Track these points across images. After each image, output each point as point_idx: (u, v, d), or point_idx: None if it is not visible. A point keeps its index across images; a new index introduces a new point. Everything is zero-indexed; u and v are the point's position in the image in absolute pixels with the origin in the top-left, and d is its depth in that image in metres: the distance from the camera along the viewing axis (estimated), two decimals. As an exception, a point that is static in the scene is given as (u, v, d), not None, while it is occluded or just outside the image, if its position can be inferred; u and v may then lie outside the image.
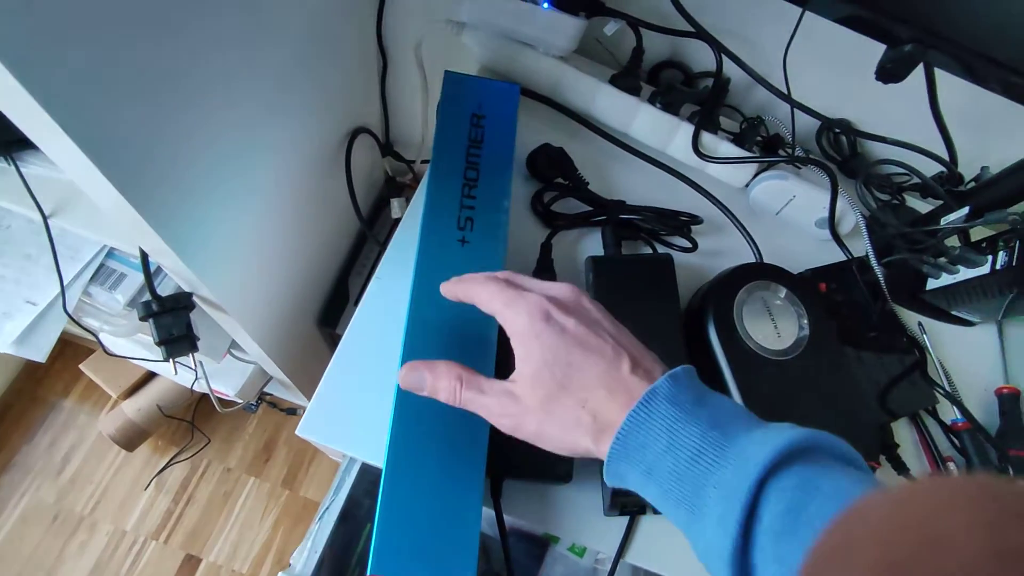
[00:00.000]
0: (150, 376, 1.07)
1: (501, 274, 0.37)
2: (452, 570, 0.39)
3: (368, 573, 0.38)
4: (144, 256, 0.50)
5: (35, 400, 1.16)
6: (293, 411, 1.18)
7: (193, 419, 1.13)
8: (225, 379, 0.91)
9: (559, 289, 0.35)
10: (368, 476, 0.51)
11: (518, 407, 0.32)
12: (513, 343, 0.33)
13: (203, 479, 1.14)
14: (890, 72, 0.41)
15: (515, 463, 0.44)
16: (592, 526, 0.47)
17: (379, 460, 0.41)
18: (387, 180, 0.98)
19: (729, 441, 0.28)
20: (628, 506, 0.47)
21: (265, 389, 1.04)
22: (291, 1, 0.50)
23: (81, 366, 1.03)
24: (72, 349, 1.13)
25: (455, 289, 0.38)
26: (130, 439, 1.03)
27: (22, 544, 1.05)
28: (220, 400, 0.95)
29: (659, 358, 0.34)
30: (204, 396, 1.04)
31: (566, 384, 0.31)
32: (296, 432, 0.47)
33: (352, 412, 0.47)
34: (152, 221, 0.42)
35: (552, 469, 0.44)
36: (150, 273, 0.51)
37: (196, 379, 0.88)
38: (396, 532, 0.39)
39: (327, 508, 0.48)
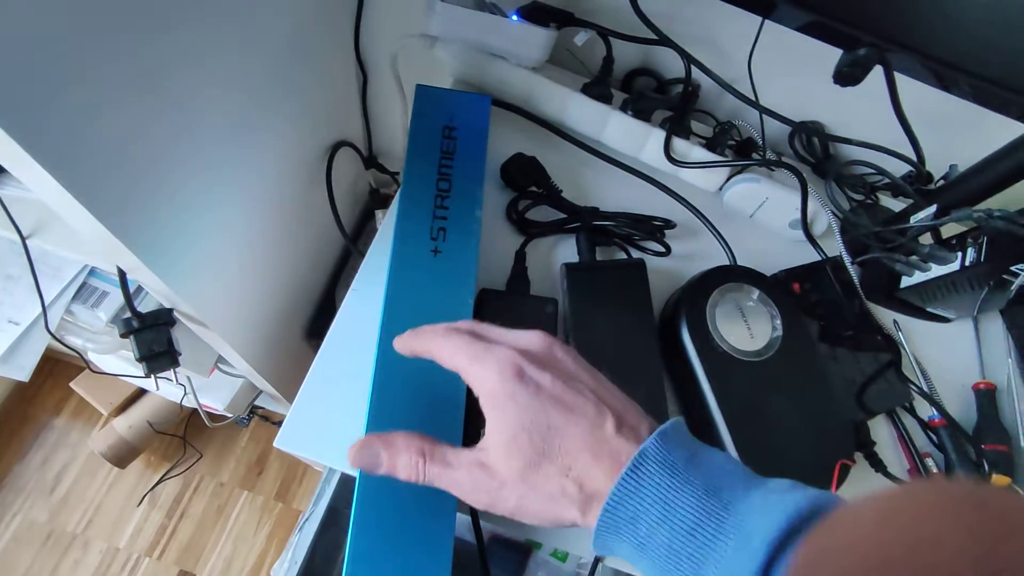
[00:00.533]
0: (140, 393, 1.07)
1: (463, 325, 0.34)
2: (427, 574, 0.39)
3: (343, 583, 0.38)
4: (122, 274, 0.50)
5: (26, 419, 1.16)
6: (285, 424, 1.18)
7: (185, 434, 1.13)
8: (214, 394, 0.92)
9: (529, 339, 0.32)
10: (349, 486, 0.51)
11: (493, 480, 0.28)
12: (483, 405, 0.29)
13: (196, 494, 1.14)
14: (847, 76, 0.42)
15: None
16: (572, 530, 0.48)
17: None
18: (371, 192, 0.99)
19: (727, 510, 0.26)
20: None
21: (256, 403, 1.05)
22: (264, 16, 0.51)
23: (71, 384, 1.03)
24: (62, 368, 1.14)
25: (412, 344, 0.34)
26: (122, 456, 1.03)
27: (15, 564, 1.05)
28: (210, 415, 0.95)
29: (642, 410, 0.31)
30: (195, 411, 1.04)
31: (547, 451, 0.28)
32: (274, 444, 0.47)
33: (330, 423, 0.47)
34: (125, 239, 0.43)
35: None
36: (128, 290, 0.51)
37: (185, 394, 0.89)
38: (371, 538, 0.39)
39: (307, 518, 0.48)
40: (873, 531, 0.19)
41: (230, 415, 0.95)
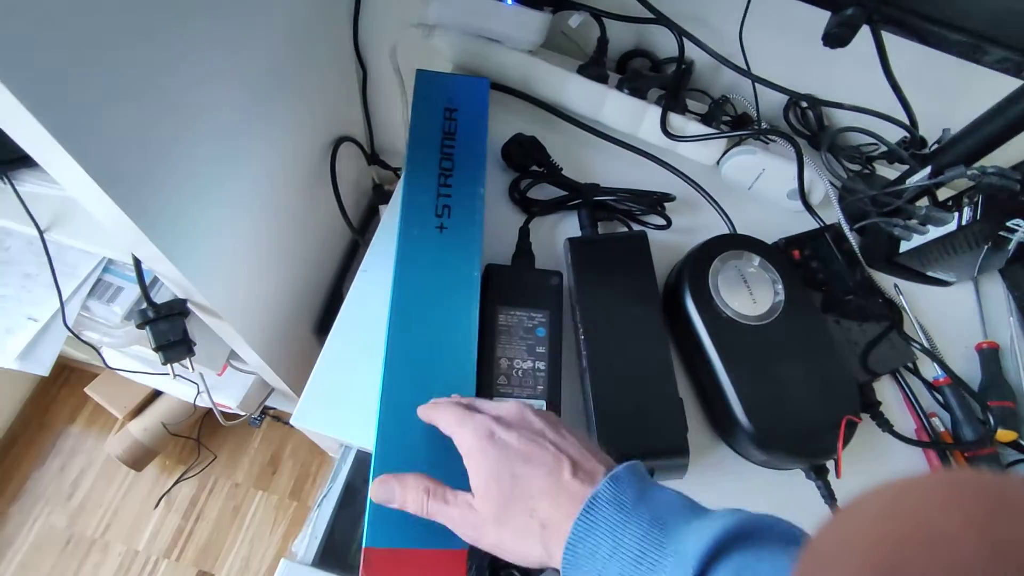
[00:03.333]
0: (155, 396, 1.08)
1: (464, 399, 0.40)
2: (444, 538, 0.40)
3: (363, 546, 0.39)
4: (137, 263, 0.52)
5: (43, 427, 1.18)
6: (297, 423, 1.19)
7: (199, 436, 1.14)
8: (227, 392, 0.93)
9: (506, 408, 0.37)
10: (365, 464, 0.52)
11: (477, 518, 0.34)
12: (464, 461, 0.35)
13: (212, 495, 1.15)
14: (836, 37, 0.43)
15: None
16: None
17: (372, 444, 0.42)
18: (375, 188, 1.00)
19: (668, 537, 0.29)
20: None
21: (268, 403, 1.06)
22: (264, 11, 0.52)
23: (86, 389, 1.05)
24: (77, 375, 1.15)
25: (427, 413, 0.40)
26: (138, 459, 1.05)
27: (37, 571, 1.06)
28: (223, 413, 0.96)
29: (607, 457, 0.35)
30: (208, 413, 1.05)
31: (513, 495, 0.33)
32: (291, 422, 0.48)
33: (345, 399, 0.49)
34: (144, 227, 0.44)
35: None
36: (144, 280, 0.53)
37: (198, 392, 0.90)
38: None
39: (325, 495, 0.49)
40: (885, 524, 0.19)
41: (243, 413, 0.96)
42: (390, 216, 0.56)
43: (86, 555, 1.09)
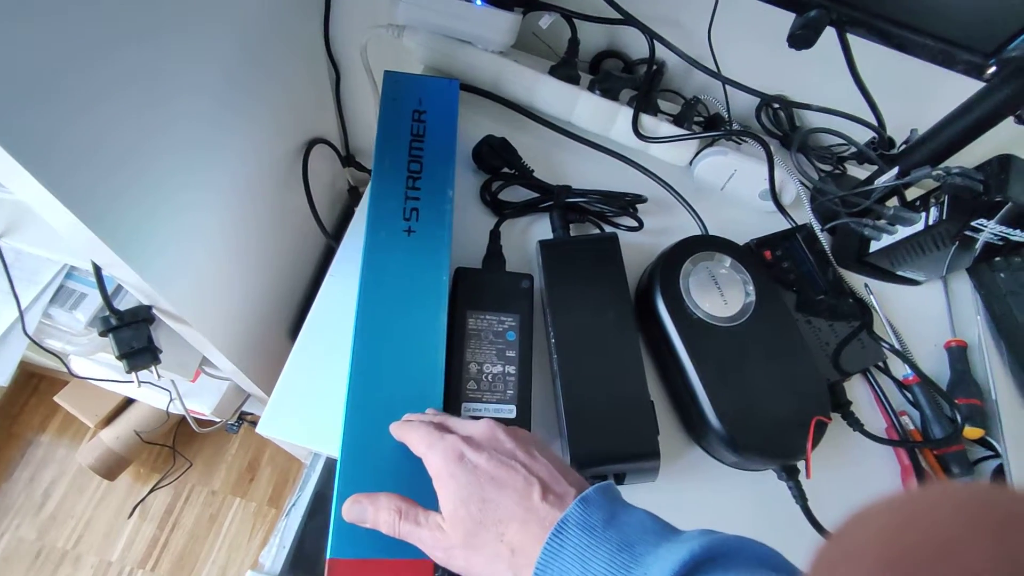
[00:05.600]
0: (127, 403, 1.06)
1: (437, 417, 0.39)
2: (412, 548, 0.39)
3: (328, 557, 0.38)
4: (97, 269, 0.50)
5: (11, 437, 1.15)
6: (275, 429, 1.17)
7: (174, 443, 1.12)
8: (200, 398, 0.91)
9: (476, 427, 0.37)
10: (335, 471, 0.51)
11: (447, 541, 0.33)
12: (434, 483, 0.35)
13: (188, 503, 1.13)
14: (800, 38, 0.43)
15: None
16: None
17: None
18: (350, 190, 0.99)
19: (636, 562, 0.28)
20: (592, 479, 0.48)
21: (245, 408, 1.04)
22: (226, 19, 0.51)
23: (56, 398, 1.02)
24: (46, 383, 1.13)
25: (398, 432, 0.40)
26: (110, 468, 1.02)
27: (5, 585, 1.04)
28: (197, 420, 0.95)
29: (579, 477, 0.35)
30: (183, 420, 1.03)
31: (482, 520, 0.32)
32: (256, 430, 0.47)
33: (312, 407, 0.48)
34: (100, 232, 0.43)
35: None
36: (104, 287, 0.51)
37: (171, 400, 0.89)
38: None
39: (293, 504, 0.48)
40: (893, 534, 0.19)
41: (218, 420, 0.94)
42: (358, 220, 0.55)
43: (57, 567, 1.06)
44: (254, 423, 1.16)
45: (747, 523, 0.50)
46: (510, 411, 0.46)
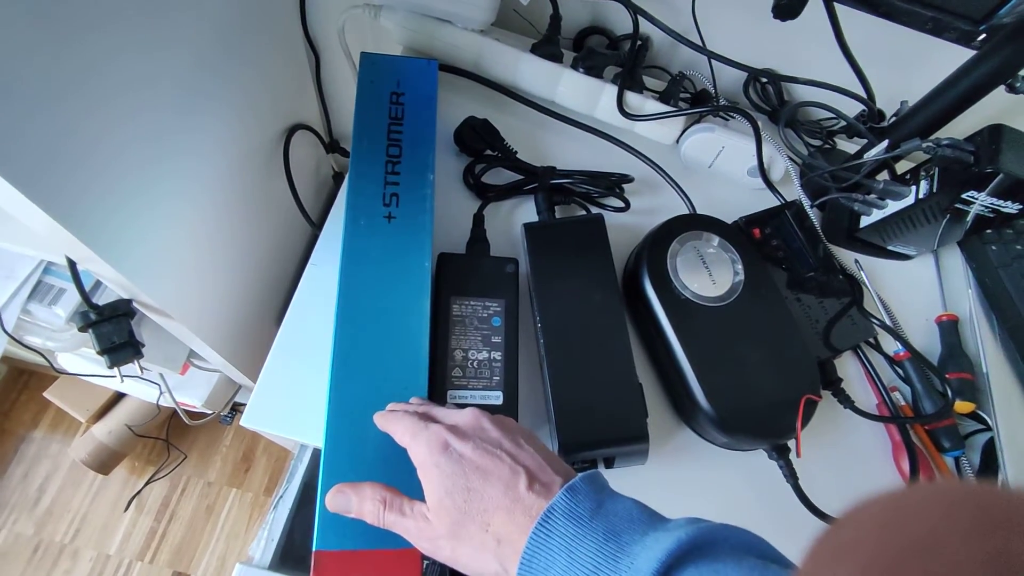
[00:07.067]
0: (118, 397, 1.06)
1: (420, 407, 0.39)
2: (398, 538, 0.39)
3: (313, 549, 0.38)
4: (72, 264, 0.49)
5: (3, 434, 1.14)
6: (269, 419, 1.17)
7: (167, 436, 1.12)
8: (191, 391, 0.90)
9: (462, 416, 0.36)
10: (322, 462, 0.51)
11: (433, 532, 0.33)
12: (418, 474, 0.34)
13: (184, 495, 1.13)
14: (785, 8, 0.42)
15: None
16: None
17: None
18: (335, 177, 0.98)
19: (623, 551, 0.28)
20: (579, 464, 0.48)
21: (237, 400, 1.04)
22: (193, 6, 0.50)
23: (46, 393, 1.02)
24: (36, 380, 1.12)
25: (382, 422, 0.39)
26: (103, 462, 1.02)
27: (4, 581, 1.04)
28: (189, 413, 0.94)
29: (566, 466, 0.34)
30: (176, 412, 1.03)
31: (468, 510, 0.32)
32: (240, 423, 0.47)
33: (296, 398, 0.47)
34: (71, 227, 0.42)
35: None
36: (80, 282, 0.50)
37: (161, 393, 0.88)
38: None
39: (281, 496, 0.48)
40: (885, 531, 0.19)
41: (209, 412, 0.94)
42: (339, 206, 0.54)
43: (55, 562, 1.06)
44: (248, 414, 1.16)
45: (738, 503, 0.50)
46: (497, 397, 0.45)
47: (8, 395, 1.17)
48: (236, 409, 1.09)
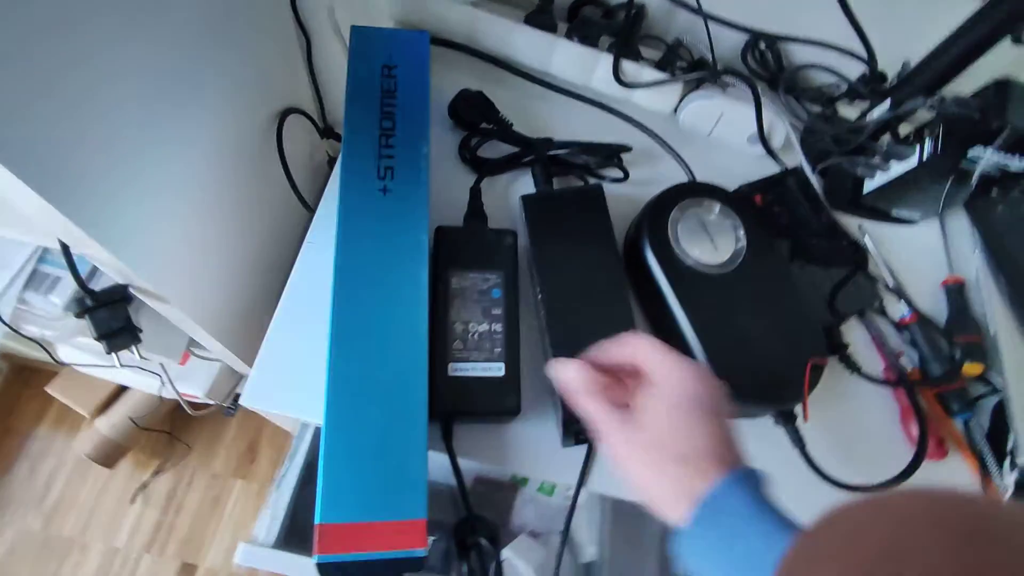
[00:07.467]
0: (120, 391, 1.05)
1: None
2: (402, 509, 0.38)
3: (316, 523, 0.37)
4: (66, 248, 0.48)
5: (8, 432, 1.14)
6: (273, 409, 1.17)
7: (171, 429, 1.12)
8: (192, 381, 0.90)
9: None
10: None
11: (639, 437, 0.33)
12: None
13: (190, 487, 1.13)
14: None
15: (459, 403, 0.44)
16: (551, 459, 0.47)
17: (323, 417, 0.41)
18: (330, 162, 0.97)
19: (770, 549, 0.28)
20: (583, 434, 0.47)
21: (240, 391, 1.03)
22: None
23: (48, 388, 1.01)
24: (37, 376, 1.11)
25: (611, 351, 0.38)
26: (108, 456, 1.02)
27: (15, 575, 1.04)
28: (192, 403, 0.94)
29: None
30: (179, 406, 1.02)
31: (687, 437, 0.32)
32: (240, 402, 0.46)
33: (296, 376, 0.47)
34: (63, 208, 0.41)
35: (498, 402, 0.44)
36: (75, 267, 0.49)
37: (162, 384, 0.88)
38: (341, 479, 0.39)
39: (283, 475, 0.47)
40: (862, 536, 0.20)
41: (212, 402, 0.93)
42: (334, 183, 0.53)
43: (65, 556, 1.07)
44: (251, 405, 1.15)
45: (745, 470, 0.50)
46: (499, 369, 0.45)
47: (10, 393, 1.17)
48: (239, 401, 1.09)
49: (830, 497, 0.47)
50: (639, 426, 0.33)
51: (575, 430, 0.46)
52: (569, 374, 0.36)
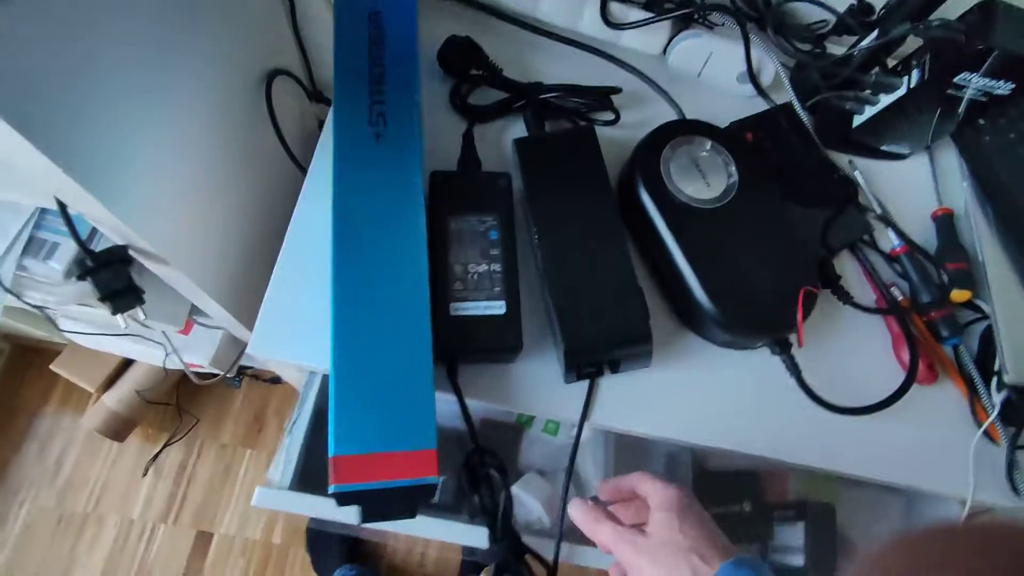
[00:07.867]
0: (126, 365, 1.06)
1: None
2: (413, 440, 0.40)
3: (330, 455, 0.39)
4: (63, 207, 0.49)
5: (15, 411, 1.15)
6: (277, 379, 1.18)
7: (177, 401, 1.13)
8: (196, 350, 0.91)
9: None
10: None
11: (644, 542, 0.38)
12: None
13: (200, 458, 1.15)
14: None
15: (462, 341, 0.45)
16: (554, 396, 0.49)
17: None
18: (320, 127, 0.96)
19: None
20: (585, 369, 0.48)
21: (244, 363, 1.04)
22: None
23: (52, 366, 1.02)
24: (41, 355, 1.12)
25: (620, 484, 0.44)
26: (117, 430, 1.03)
27: (32, 553, 1.06)
28: (197, 373, 0.95)
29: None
30: (185, 378, 1.04)
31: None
32: (247, 351, 0.47)
33: (301, 324, 0.47)
34: (59, 160, 0.41)
35: (501, 339, 0.45)
36: (74, 226, 0.50)
37: (167, 354, 0.89)
38: (353, 414, 0.40)
39: (294, 422, 0.48)
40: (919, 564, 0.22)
41: (217, 371, 0.94)
42: (326, 136, 0.54)
43: (81, 530, 1.09)
44: (255, 376, 1.16)
45: (743, 401, 0.51)
46: (499, 307, 0.46)
47: (15, 373, 1.17)
48: (243, 372, 1.10)
49: (827, 423, 0.49)
50: (645, 535, 0.38)
51: (577, 365, 0.47)
52: (577, 510, 0.42)
